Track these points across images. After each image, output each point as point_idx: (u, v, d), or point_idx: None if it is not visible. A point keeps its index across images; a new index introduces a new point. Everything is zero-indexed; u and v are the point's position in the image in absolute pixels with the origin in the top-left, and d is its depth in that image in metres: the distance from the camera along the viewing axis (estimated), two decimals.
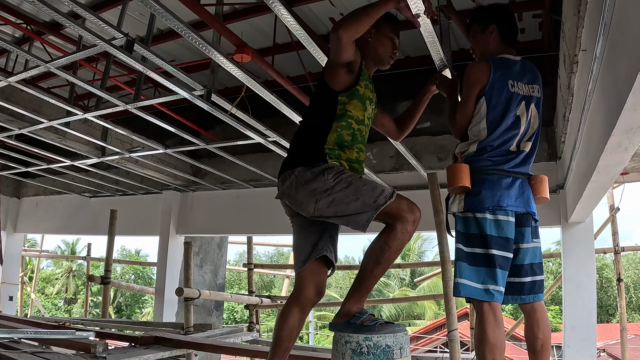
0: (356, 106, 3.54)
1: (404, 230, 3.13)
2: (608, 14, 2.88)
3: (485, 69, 3.60)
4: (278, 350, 3.51)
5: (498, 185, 3.48)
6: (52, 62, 5.47)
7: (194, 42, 4.73)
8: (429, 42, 3.76)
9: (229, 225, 11.10)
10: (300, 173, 3.36)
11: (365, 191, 3.21)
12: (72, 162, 9.42)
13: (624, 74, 2.78)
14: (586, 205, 6.49)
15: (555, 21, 6.20)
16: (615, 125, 3.17)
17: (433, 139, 8.66)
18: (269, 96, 5.89)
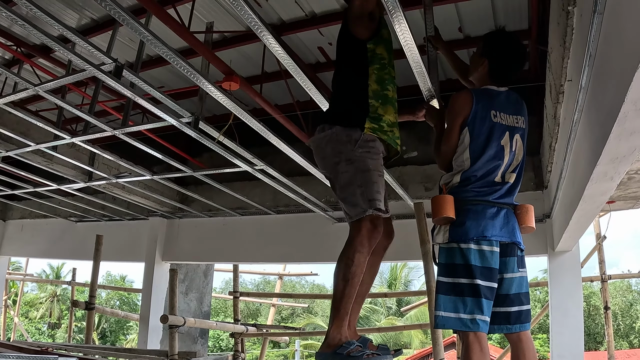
0: (383, 49, 3.74)
1: (362, 244, 3.29)
2: (593, 45, 2.90)
3: (467, 99, 3.60)
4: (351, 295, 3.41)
5: (482, 216, 3.46)
6: (41, 85, 5.46)
7: (182, 69, 4.73)
8: (417, 72, 3.78)
9: (215, 253, 11.04)
10: (337, 131, 3.54)
11: (372, 187, 3.38)
12: (58, 186, 9.38)
13: (609, 103, 2.79)
14: (572, 234, 6.50)
15: (542, 51, 6.27)
16: (601, 154, 3.19)
17: (420, 169, 8.68)
18: (257, 125, 5.90)
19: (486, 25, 7.09)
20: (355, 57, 3.74)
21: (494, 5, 6.76)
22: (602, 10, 2.61)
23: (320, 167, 3.73)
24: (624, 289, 36.45)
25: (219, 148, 6.65)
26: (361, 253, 3.29)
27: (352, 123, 3.53)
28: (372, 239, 3.36)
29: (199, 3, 6.48)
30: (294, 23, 7.11)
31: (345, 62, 3.88)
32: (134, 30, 4.13)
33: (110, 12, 3.86)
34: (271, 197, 9.68)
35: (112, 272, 44.60)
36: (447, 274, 3.46)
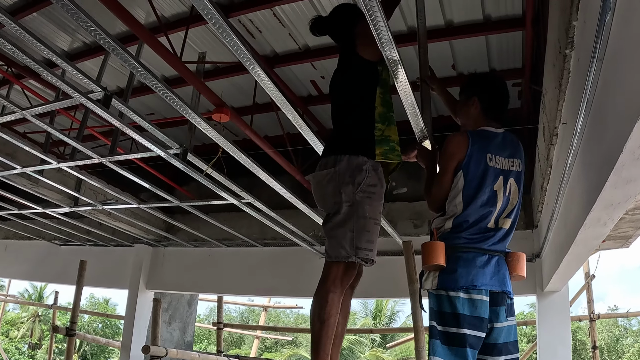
0: (387, 74, 3.72)
1: (334, 285, 3.30)
2: (591, 91, 2.85)
3: (463, 141, 3.51)
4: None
5: (473, 264, 3.36)
6: (29, 109, 5.39)
7: (171, 102, 4.65)
8: (410, 113, 3.72)
9: (199, 284, 10.88)
10: (340, 170, 3.46)
11: (363, 236, 3.34)
12: (43, 209, 9.25)
13: (605, 151, 2.74)
14: (562, 275, 6.45)
15: (535, 90, 6.25)
16: (596, 201, 3.13)
17: (409, 205, 8.64)
18: (245, 160, 5.83)
19: (480, 64, 7.13)
20: (363, 80, 3.72)
21: (488, 44, 6.78)
22: (601, 57, 2.56)
23: (319, 204, 3.66)
24: (610, 324, 36.45)
25: (207, 181, 6.58)
26: (334, 293, 3.28)
27: (360, 150, 3.49)
28: (345, 281, 3.36)
29: (193, 32, 6.47)
30: (287, 55, 7.13)
31: (350, 87, 3.83)
32: (123, 60, 4.06)
33: (99, 41, 3.78)
34: (258, 229, 9.60)
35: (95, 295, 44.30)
36: (438, 321, 3.38)
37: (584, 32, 3.03)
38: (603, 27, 2.37)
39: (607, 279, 71.17)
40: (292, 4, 6.09)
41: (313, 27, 4.09)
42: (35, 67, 4.34)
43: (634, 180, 2.79)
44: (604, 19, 2.33)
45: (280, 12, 6.31)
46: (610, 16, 2.31)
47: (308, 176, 3.72)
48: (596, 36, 2.45)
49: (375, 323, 35.34)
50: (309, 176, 3.70)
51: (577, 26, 3.20)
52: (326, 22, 4.08)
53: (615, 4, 2.25)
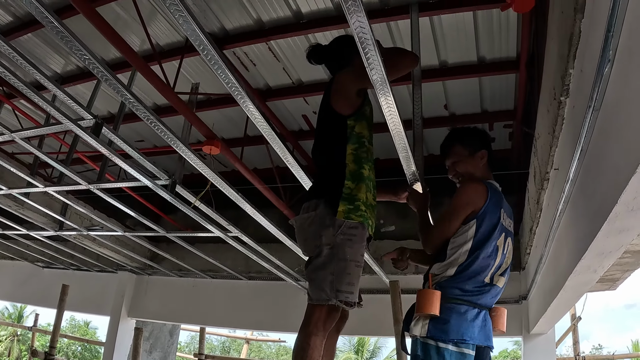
0: (363, 126, 3.58)
1: (317, 328, 3.19)
2: (586, 140, 2.83)
3: (483, 192, 3.46)
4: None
5: (464, 317, 3.31)
6: (18, 132, 5.34)
7: (161, 133, 4.61)
8: (402, 156, 3.70)
9: (182, 314, 10.79)
10: (321, 213, 3.37)
11: (344, 279, 3.23)
12: (28, 231, 9.14)
13: (599, 201, 2.72)
14: (550, 319, 6.44)
15: (526, 133, 6.26)
16: (587, 249, 3.13)
17: (397, 244, 8.50)
18: (233, 194, 5.79)
19: (472, 104, 7.16)
20: (334, 132, 3.61)
21: (481, 85, 6.81)
22: (598, 107, 2.55)
23: (301, 248, 3.55)
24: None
25: (194, 213, 6.53)
26: (317, 336, 3.18)
27: (332, 203, 3.39)
28: (328, 324, 3.25)
29: (187, 62, 6.45)
30: (280, 89, 7.14)
31: (324, 136, 3.74)
32: (114, 89, 4.02)
33: (91, 70, 3.75)
34: (243, 262, 9.53)
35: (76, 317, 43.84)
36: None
37: (581, 81, 3.02)
38: (601, 78, 2.36)
39: (591, 318, 71.28)
40: (287, 39, 6.11)
41: (310, 54, 4.03)
42: (25, 90, 4.30)
43: (627, 230, 2.77)
44: (602, 70, 2.32)
45: (275, 47, 6.32)
46: (609, 67, 2.29)
47: (291, 220, 3.60)
48: (593, 86, 2.44)
49: (357, 358, 35.15)
50: (292, 220, 3.60)
51: (573, 74, 3.19)
52: (324, 51, 4.02)
53: (614, 55, 2.24)
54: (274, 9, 5.71)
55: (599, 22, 2.41)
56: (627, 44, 2.13)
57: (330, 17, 5.71)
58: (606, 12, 2.14)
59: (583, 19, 2.83)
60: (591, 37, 2.72)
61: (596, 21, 2.57)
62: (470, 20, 5.64)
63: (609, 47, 2.21)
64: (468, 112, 7.43)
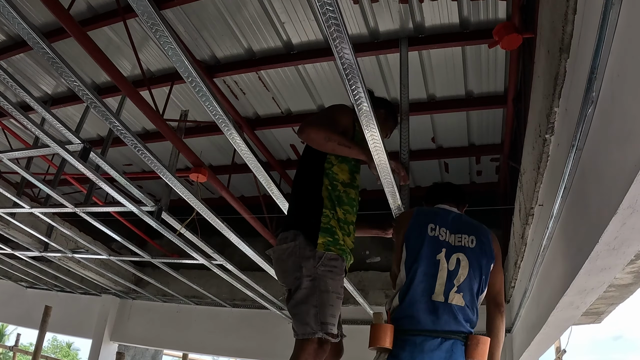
0: (343, 169, 3.56)
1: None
2: (569, 179, 2.86)
3: (408, 215, 3.55)
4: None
5: (420, 349, 3.13)
6: (6, 153, 5.33)
7: (148, 161, 4.62)
8: (388, 191, 3.70)
9: (165, 339, 10.65)
10: (301, 244, 3.31)
11: (327, 310, 3.16)
12: (12, 251, 9.09)
13: (581, 239, 2.74)
14: (534, 353, 6.40)
15: (512, 167, 6.30)
16: (569, 286, 3.13)
17: (382, 275, 8.58)
18: (219, 223, 5.78)
19: (459, 138, 7.19)
20: (314, 162, 3.60)
21: (469, 119, 6.86)
22: (581, 146, 2.58)
23: (280, 280, 3.47)
24: None
25: (180, 241, 6.52)
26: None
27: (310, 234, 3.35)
28: (319, 358, 3.17)
29: (177, 89, 6.49)
30: (269, 119, 7.17)
31: (305, 164, 3.74)
32: (101, 115, 4.03)
33: (80, 95, 3.76)
34: (228, 289, 9.48)
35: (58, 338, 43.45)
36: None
37: (565, 120, 3.05)
38: (584, 119, 2.39)
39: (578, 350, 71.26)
40: (277, 69, 6.15)
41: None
42: (14, 113, 4.30)
43: (609, 268, 2.78)
44: (585, 111, 2.35)
45: (265, 76, 6.36)
46: (592, 109, 2.32)
47: (268, 250, 3.56)
48: (577, 126, 2.47)
49: None
50: (269, 250, 3.55)
51: (558, 112, 3.23)
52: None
53: (597, 97, 2.27)
54: (265, 39, 5.76)
55: (584, 62, 2.45)
56: (610, 86, 2.17)
57: (320, 49, 5.76)
58: (590, 54, 2.17)
59: (568, 58, 2.88)
60: (575, 77, 2.75)
61: (581, 61, 2.61)
62: (459, 55, 5.71)
63: (592, 89, 2.24)
64: (456, 145, 7.48)
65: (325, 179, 3.49)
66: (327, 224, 3.38)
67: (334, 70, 6.08)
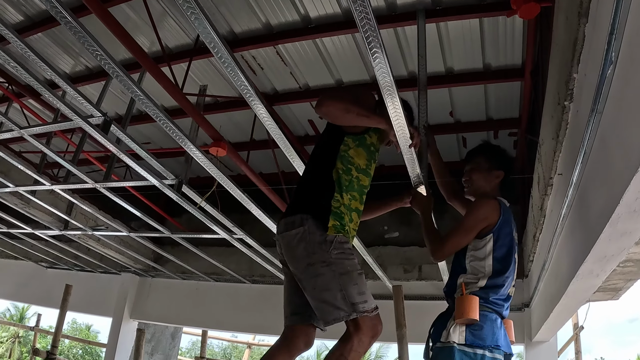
0: (360, 154, 3.52)
1: (361, 343, 3.03)
2: (589, 143, 2.86)
3: (496, 209, 3.59)
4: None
5: (496, 325, 3.43)
6: (27, 129, 5.37)
7: (171, 132, 4.65)
8: (407, 158, 3.71)
9: (185, 316, 10.75)
10: (310, 229, 3.23)
11: (353, 290, 3.09)
12: (33, 230, 9.17)
13: (601, 203, 2.75)
14: (552, 326, 6.42)
15: (531, 141, 6.28)
16: (589, 253, 3.14)
17: (400, 250, 8.60)
18: (240, 195, 5.81)
19: (477, 112, 7.17)
20: (330, 143, 3.57)
21: (487, 92, 6.83)
22: (601, 109, 2.58)
23: (291, 267, 3.33)
24: None
25: (200, 214, 6.56)
26: (357, 352, 3.05)
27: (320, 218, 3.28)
28: (374, 337, 3.10)
29: (195, 65, 6.49)
30: (287, 94, 7.18)
31: (321, 144, 3.73)
32: (125, 87, 4.06)
33: (103, 66, 3.79)
34: (247, 265, 9.54)
35: (77, 320, 43.78)
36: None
37: (584, 85, 3.05)
38: (604, 80, 2.40)
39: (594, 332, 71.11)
40: (295, 43, 6.15)
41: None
42: (37, 86, 4.33)
43: (629, 233, 2.79)
44: (605, 72, 2.35)
45: (283, 51, 6.36)
46: (612, 69, 2.33)
47: (276, 236, 3.44)
48: (597, 89, 2.48)
49: None
50: (277, 237, 3.43)
51: (577, 79, 3.22)
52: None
53: (617, 58, 2.27)
54: (283, 13, 5.75)
55: (602, 26, 2.45)
56: (629, 47, 2.17)
57: (338, 22, 5.74)
58: (609, 16, 2.17)
59: (587, 23, 2.87)
60: (594, 41, 2.75)
61: (599, 25, 2.61)
62: (476, 27, 5.67)
63: (611, 49, 2.25)
64: (473, 119, 7.47)
65: (338, 162, 3.44)
66: (338, 209, 3.34)
67: (352, 44, 6.09)
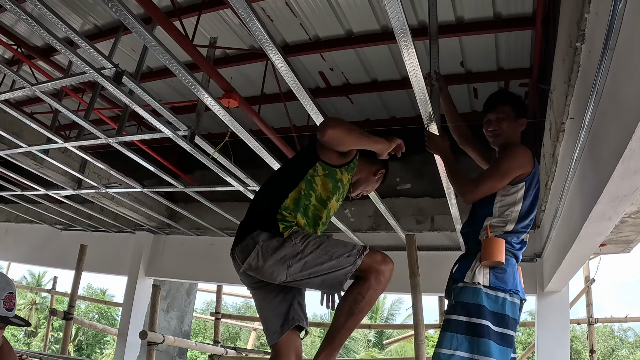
0: (325, 185, 3.40)
1: (378, 280, 3.04)
2: (601, 81, 2.86)
3: (531, 157, 3.64)
4: None
5: (516, 269, 3.52)
6: (38, 85, 5.37)
7: (185, 80, 4.65)
8: (419, 99, 3.72)
9: (199, 272, 10.87)
10: (264, 243, 3.13)
11: (338, 249, 3.10)
12: (46, 191, 9.24)
13: (614, 140, 2.75)
14: (563, 275, 6.45)
15: (542, 91, 6.26)
16: (602, 193, 3.14)
17: (412, 201, 8.63)
18: (253, 143, 5.80)
19: (488, 62, 7.13)
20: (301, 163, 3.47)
21: (497, 42, 6.79)
22: (613, 46, 2.57)
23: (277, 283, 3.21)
24: (607, 335, 36.34)
25: (213, 164, 6.57)
26: (375, 290, 3.05)
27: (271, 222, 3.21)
28: (388, 272, 3.09)
29: (204, 18, 6.47)
30: (297, 46, 7.14)
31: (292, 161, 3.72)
32: (139, 36, 4.06)
33: (118, 17, 3.79)
34: None
35: (93, 285, 44.22)
36: (494, 322, 3.39)
37: (596, 24, 3.04)
38: (616, 16, 2.39)
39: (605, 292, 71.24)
40: None
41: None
42: (53, 42, 4.33)
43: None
44: (616, 8, 2.35)
45: (293, 2, 6.31)
46: (623, 4, 2.32)
47: (240, 271, 3.29)
48: (608, 25, 2.47)
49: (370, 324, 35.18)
50: (240, 271, 3.29)
51: (588, 19, 3.21)
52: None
53: None
54: None
55: None
56: None
57: None
58: None
59: None
60: None
61: None
62: None
63: None
64: (484, 69, 7.42)
65: (302, 183, 3.34)
66: (284, 220, 3.24)
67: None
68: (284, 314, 3.41)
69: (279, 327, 3.39)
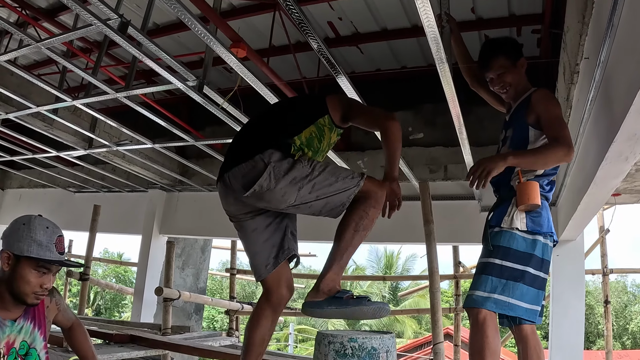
0: (329, 136, 3.54)
1: (377, 201, 3.19)
2: (617, 15, 2.79)
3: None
4: (251, 356, 3.43)
5: (549, 211, 3.56)
6: (44, 41, 5.30)
7: (195, 29, 4.58)
8: (431, 39, 3.67)
9: (213, 228, 10.82)
10: (276, 164, 3.11)
11: (342, 171, 3.21)
12: (57, 152, 9.24)
13: (630, 75, 2.70)
14: (579, 222, 6.42)
15: (554, 36, 6.16)
16: (619, 131, 3.09)
17: (425, 151, 8.56)
18: (264, 90, 5.71)
19: (500, 8, 7.03)
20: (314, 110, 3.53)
21: None
22: None
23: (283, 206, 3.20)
24: (619, 290, 36.51)
25: (224, 114, 6.50)
26: (376, 209, 3.18)
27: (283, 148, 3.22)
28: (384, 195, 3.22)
29: None
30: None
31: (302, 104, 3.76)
32: None
33: None
34: None
35: (109, 249, 44.61)
36: (511, 259, 3.42)
37: None
38: None
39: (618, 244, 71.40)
40: None
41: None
42: None
43: None
44: None
45: None
46: None
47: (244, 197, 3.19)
48: None
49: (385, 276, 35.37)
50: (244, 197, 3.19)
51: None
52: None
53: None
54: None
55: None
56: None
57: None
58: None
59: None
60: None
61: None
62: None
63: None
64: (496, 15, 7.27)
65: (313, 127, 3.42)
66: (295, 145, 3.28)
67: None
68: (278, 244, 3.47)
69: (273, 259, 3.44)
